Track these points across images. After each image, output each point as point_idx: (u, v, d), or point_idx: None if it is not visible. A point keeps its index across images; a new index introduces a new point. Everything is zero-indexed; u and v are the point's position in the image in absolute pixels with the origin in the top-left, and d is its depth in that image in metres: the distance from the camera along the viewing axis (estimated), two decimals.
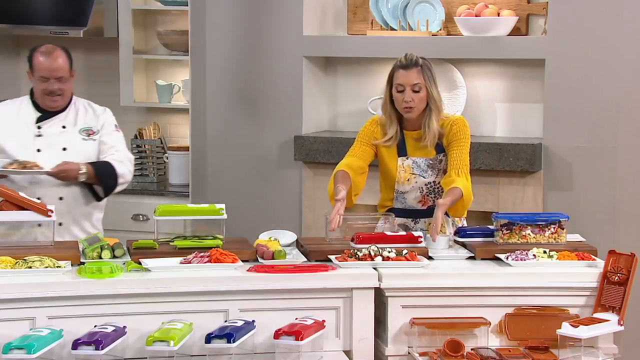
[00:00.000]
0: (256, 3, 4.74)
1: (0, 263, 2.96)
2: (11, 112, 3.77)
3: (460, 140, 3.51)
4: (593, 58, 4.31)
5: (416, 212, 3.57)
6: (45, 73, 3.67)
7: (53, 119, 3.76)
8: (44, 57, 3.69)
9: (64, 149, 3.73)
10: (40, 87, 3.70)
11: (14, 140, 3.71)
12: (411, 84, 3.46)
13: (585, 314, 3.07)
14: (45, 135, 3.74)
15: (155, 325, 2.85)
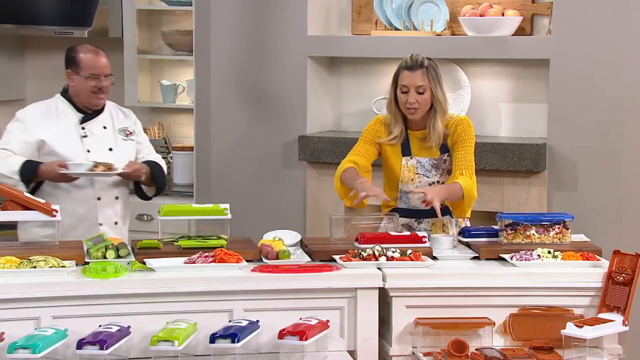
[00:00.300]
0: (260, 3, 4.74)
1: (5, 263, 2.97)
2: (50, 113, 3.72)
3: (465, 140, 3.51)
4: (598, 58, 4.31)
5: (420, 212, 3.56)
6: (96, 70, 3.67)
7: (95, 119, 3.75)
8: (93, 55, 3.69)
9: (110, 149, 3.73)
10: (89, 84, 3.67)
11: (62, 141, 3.67)
12: (415, 86, 3.46)
13: (589, 314, 3.06)
14: (91, 135, 3.72)
15: (160, 325, 2.85)
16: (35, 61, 5.54)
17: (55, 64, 5.50)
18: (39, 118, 3.71)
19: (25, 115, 3.73)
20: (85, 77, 3.68)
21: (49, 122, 3.70)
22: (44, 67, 5.53)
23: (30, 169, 3.60)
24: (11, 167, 3.61)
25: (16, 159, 3.63)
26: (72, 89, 3.73)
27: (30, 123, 3.69)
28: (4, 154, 3.65)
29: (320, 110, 4.85)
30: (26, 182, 3.60)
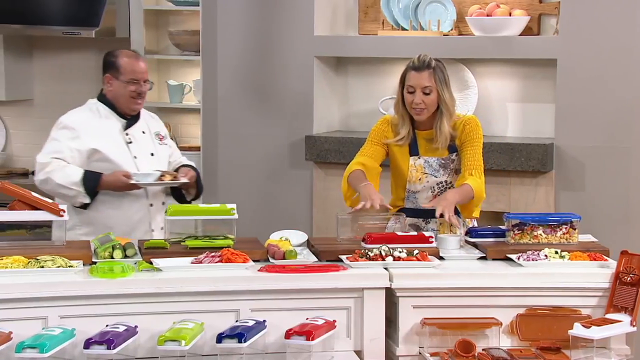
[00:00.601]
0: (267, 3, 4.74)
1: (13, 262, 2.97)
2: (95, 120, 3.67)
3: (473, 140, 3.51)
4: (605, 58, 4.30)
5: (427, 212, 3.56)
6: (136, 75, 3.64)
7: (136, 124, 3.73)
8: (134, 60, 3.66)
9: (151, 154, 3.72)
10: (128, 89, 3.64)
11: (113, 149, 3.64)
12: (422, 87, 3.46)
13: (597, 315, 3.06)
14: (135, 141, 3.69)
15: (167, 325, 2.86)
16: (43, 61, 5.56)
17: (62, 64, 5.54)
18: (86, 125, 3.64)
19: (73, 123, 3.65)
20: (125, 81, 3.64)
21: (96, 129, 3.64)
22: (51, 67, 5.55)
23: (93, 180, 3.55)
24: (71, 178, 3.54)
25: (74, 170, 3.56)
26: (110, 93, 3.68)
27: (80, 131, 3.62)
28: (58, 164, 3.57)
29: (327, 110, 4.85)
30: (90, 193, 3.56)
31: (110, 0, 5.11)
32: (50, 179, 3.56)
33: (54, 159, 3.58)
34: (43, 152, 3.63)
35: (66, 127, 3.64)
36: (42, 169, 3.59)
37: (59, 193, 3.59)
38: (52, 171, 3.55)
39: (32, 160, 5.52)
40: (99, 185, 3.57)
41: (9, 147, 5.64)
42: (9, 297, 2.84)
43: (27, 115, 5.60)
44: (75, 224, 3.61)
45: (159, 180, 3.60)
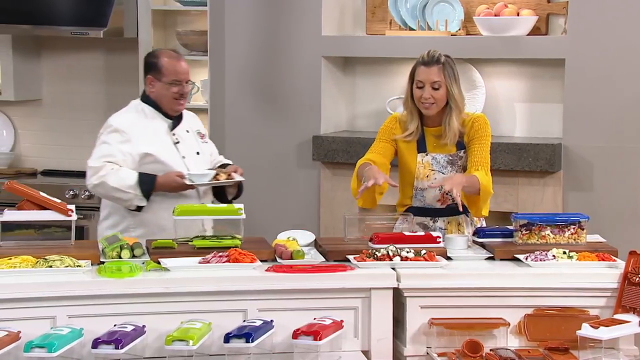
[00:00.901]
0: (275, 3, 4.75)
1: (22, 262, 2.98)
2: (143, 121, 3.65)
3: (481, 137, 3.50)
4: (614, 57, 4.29)
5: (435, 211, 3.56)
6: (178, 76, 3.62)
7: (181, 124, 3.71)
8: (175, 61, 3.63)
9: (197, 153, 3.71)
10: (171, 90, 3.62)
11: (163, 150, 3.62)
12: (431, 81, 3.46)
13: (605, 315, 3.05)
14: (181, 141, 3.68)
15: (174, 325, 2.86)
16: (51, 61, 5.57)
17: (71, 64, 5.56)
18: (135, 127, 3.62)
19: (122, 125, 3.61)
20: (167, 83, 3.61)
21: (145, 131, 3.62)
22: (60, 68, 5.56)
23: (149, 182, 3.54)
24: (126, 181, 3.53)
25: (128, 173, 3.55)
26: (153, 94, 3.67)
27: (130, 134, 3.60)
28: (111, 168, 3.55)
29: (335, 110, 4.85)
30: (146, 195, 3.55)
31: (118, 1, 5.12)
32: (104, 183, 3.54)
33: (106, 163, 3.56)
34: (94, 156, 3.61)
35: (116, 130, 3.62)
36: (95, 173, 3.56)
37: (113, 197, 3.57)
38: (106, 175, 3.54)
39: (41, 160, 5.62)
40: (155, 187, 3.55)
41: (17, 147, 5.65)
42: (17, 297, 2.85)
43: (35, 115, 5.62)
44: (129, 225, 3.61)
45: (214, 180, 3.58)
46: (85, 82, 5.52)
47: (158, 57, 3.66)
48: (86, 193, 5.06)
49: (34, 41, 5.52)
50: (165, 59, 3.63)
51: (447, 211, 3.53)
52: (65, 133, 5.57)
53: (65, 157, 5.57)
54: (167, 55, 3.65)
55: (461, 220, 3.55)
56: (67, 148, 5.57)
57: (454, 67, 3.51)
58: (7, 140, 5.63)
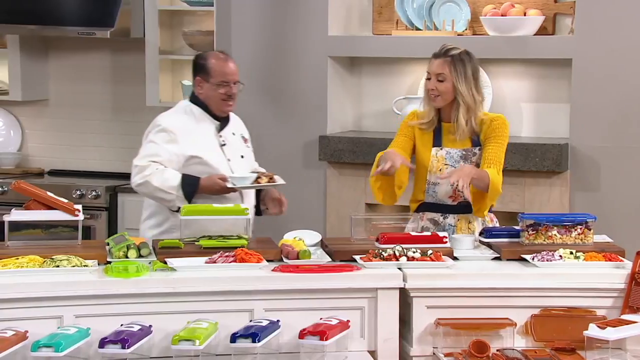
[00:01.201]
0: (281, 3, 4.75)
1: (29, 262, 2.99)
2: (191, 122, 3.63)
3: (497, 137, 3.50)
4: (621, 57, 4.28)
5: (446, 207, 3.55)
6: (226, 77, 3.61)
7: (228, 126, 3.71)
8: (224, 62, 3.63)
9: (242, 156, 3.71)
10: (218, 91, 3.61)
11: (209, 152, 3.62)
12: (436, 73, 3.50)
13: (612, 316, 3.04)
14: (228, 143, 3.68)
15: (181, 325, 2.86)
16: (58, 62, 5.58)
17: (78, 64, 5.57)
18: (184, 128, 3.62)
19: (170, 126, 3.60)
20: (215, 84, 3.61)
21: (193, 133, 3.62)
22: (67, 68, 5.57)
23: (192, 184, 3.54)
24: (170, 182, 3.53)
25: (172, 174, 3.55)
26: (201, 96, 3.66)
27: (177, 134, 3.60)
28: (156, 168, 3.56)
29: (341, 110, 4.85)
30: (189, 198, 3.55)
31: (125, 1, 5.13)
32: (148, 183, 3.55)
33: (152, 162, 3.57)
34: (140, 155, 3.62)
35: (164, 130, 3.61)
36: (139, 172, 3.58)
37: (156, 197, 3.58)
38: (150, 175, 3.55)
39: (48, 160, 5.64)
40: (197, 190, 3.55)
41: (24, 147, 5.67)
42: (25, 297, 2.85)
43: (42, 116, 5.63)
44: (172, 226, 3.59)
45: (256, 183, 3.57)
46: (92, 82, 5.53)
47: (206, 58, 3.66)
48: (93, 193, 5.08)
49: (41, 41, 5.53)
50: (213, 60, 3.63)
51: (458, 208, 3.53)
52: (72, 133, 5.58)
53: (72, 157, 5.58)
54: (214, 57, 3.65)
55: (472, 218, 3.54)
56: (74, 148, 5.58)
57: (468, 63, 3.51)
58: (14, 140, 5.65)
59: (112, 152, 5.53)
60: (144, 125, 5.77)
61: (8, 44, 5.44)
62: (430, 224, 3.55)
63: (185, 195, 3.54)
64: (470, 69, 3.51)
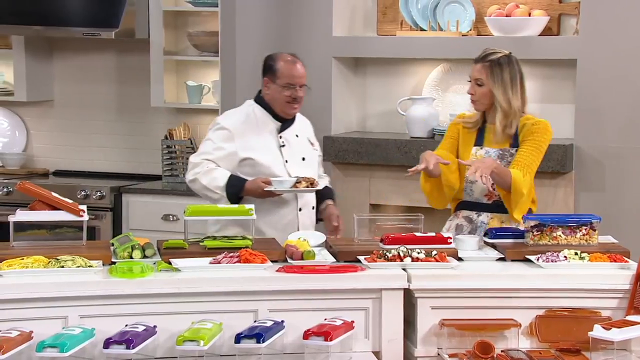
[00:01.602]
0: (286, 4, 4.75)
1: (34, 262, 3.00)
2: (251, 122, 3.66)
3: (533, 141, 3.51)
4: (626, 58, 4.27)
5: (481, 206, 3.59)
6: (293, 80, 3.64)
7: (290, 127, 3.72)
8: (291, 65, 3.65)
9: (303, 158, 3.72)
10: (284, 94, 3.64)
11: (264, 153, 3.64)
12: (474, 78, 3.56)
13: (617, 317, 3.04)
14: (288, 145, 3.69)
15: (185, 325, 2.87)
16: (63, 62, 5.59)
17: (82, 65, 5.58)
18: (242, 128, 3.64)
19: (229, 125, 3.65)
20: (281, 86, 3.64)
21: (251, 132, 3.64)
22: (71, 68, 5.58)
23: (236, 186, 3.57)
24: (217, 181, 3.57)
25: (221, 173, 3.59)
26: (267, 96, 3.69)
27: (234, 133, 3.63)
28: (207, 166, 3.59)
29: (345, 111, 4.85)
30: (232, 199, 3.58)
31: (130, 2, 5.13)
32: (197, 180, 3.60)
33: (204, 160, 3.61)
34: (197, 152, 3.68)
35: (222, 129, 3.65)
36: (192, 168, 3.63)
37: (204, 195, 3.63)
38: (200, 172, 3.59)
39: (53, 160, 5.65)
40: (242, 192, 3.58)
41: (29, 147, 5.68)
42: (29, 297, 2.86)
43: (47, 116, 5.64)
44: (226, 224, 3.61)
45: (294, 187, 3.58)
46: (97, 83, 5.54)
47: (275, 60, 3.68)
48: (97, 193, 5.09)
49: (46, 42, 5.54)
50: (281, 62, 3.66)
51: (493, 207, 3.56)
52: (77, 134, 5.59)
53: (77, 158, 5.59)
54: (283, 59, 3.67)
55: (505, 218, 3.55)
56: (78, 148, 5.59)
57: (506, 68, 3.53)
58: (19, 141, 5.66)
59: (116, 152, 5.54)
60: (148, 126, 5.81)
61: (13, 44, 5.45)
62: (465, 221, 3.60)
63: (229, 197, 3.57)
64: (509, 73, 3.54)
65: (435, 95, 4.72)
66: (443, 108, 4.70)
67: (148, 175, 5.42)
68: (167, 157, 5.31)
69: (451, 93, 4.73)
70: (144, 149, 5.47)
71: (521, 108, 3.55)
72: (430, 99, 4.64)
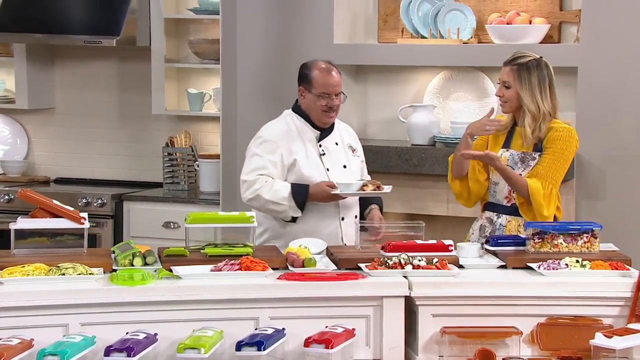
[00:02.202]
0: (287, 11, 4.76)
1: (34, 270, 3.00)
2: (292, 132, 3.67)
3: (556, 149, 3.52)
4: (626, 66, 4.27)
5: (502, 208, 3.62)
6: (328, 89, 3.63)
7: (329, 136, 3.72)
8: (326, 73, 3.64)
9: (344, 166, 3.71)
10: (320, 103, 3.63)
11: (307, 161, 3.64)
12: (502, 80, 3.61)
13: (619, 325, 3.03)
14: (328, 153, 3.69)
15: (186, 333, 2.86)
16: (64, 70, 5.60)
17: (84, 72, 5.59)
18: (284, 137, 3.65)
19: (271, 136, 3.66)
20: (316, 94, 3.63)
21: (292, 141, 3.65)
22: (73, 76, 5.59)
23: (302, 193, 3.58)
24: (280, 193, 3.58)
25: (281, 185, 3.60)
26: (303, 105, 3.69)
27: (277, 143, 3.64)
28: (265, 180, 3.60)
29: (346, 118, 4.83)
30: (301, 206, 3.58)
31: (131, 9, 5.15)
32: (259, 197, 3.59)
33: (259, 176, 3.61)
34: (246, 170, 3.66)
35: (265, 141, 3.67)
36: (249, 187, 3.62)
37: (268, 209, 3.62)
38: (260, 188, 3.59)
39: (54, 168, 5.65)
40: (307, 198, 3.58)
41: (30, 155, 5.69)
42: (30, 305, 2.86)
43: (48, 124, 5.65)
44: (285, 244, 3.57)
45: (361, 190, 3.57)
46: (98, 91, 5.55)
47: (310, 68, 3.68)
48: (98, 201, 5.09)
49: (47, 50, 5.55)
50: (316, 71, 3.65)
51: (511, 209, 3.58)
52: (78, 141, 5.60)
53: (78, 165, 5.60)
54: (318, 67, 3.67)
55: (522, 222, 3.56)
56: (80, 156, 5.60)
57: (534, 72, 3.56)
58: (20, 149, 5.66)
59: (118, 160, 5.54)
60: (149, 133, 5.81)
61: (15, 52, 5.46)
62: (487, 222, 3.64)
63: (297, 205, 3.58)
64: (537, 77, 3.56)
65: (436, 102, 4.73)
66: (444, 115, 4.71)
67: (149, 183, 5.42)
68: (168, 164, 5.32)
69: (452, 101, 4.73)
70: (145, 157, 5.48)
71: (551, 112, 3.57)
72: (431, 107, 4.64)
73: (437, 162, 4.38)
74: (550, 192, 3.50)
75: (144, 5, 5.21)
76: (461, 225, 4.45)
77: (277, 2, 4.76)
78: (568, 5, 4.57)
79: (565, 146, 3.54)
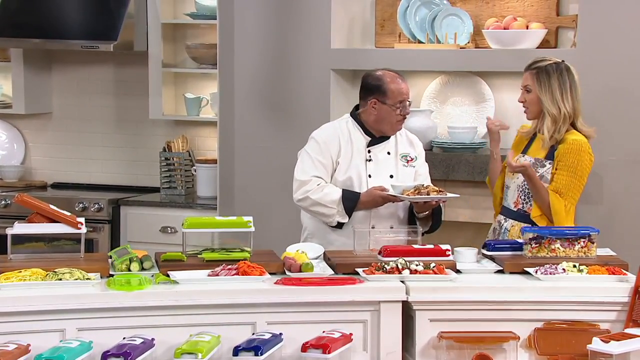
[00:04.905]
0: (284, 16, 4.76)
1: (31, 275, 2.99)
2: (343, 135, 3.68)
3: (568, 164, 3.55)
4: (623, 71, 4.28)
5: (509, 212, 3.65)
6: (403, 97, 3.63)
7: (381, 144, 3.72)
8: (400, 83, 3.65)
9: (390, 175, 3.70)
10: (395, 112, 3.62)
11: (348, 165, 3.65)
12: (523, 85, 3.66)
13: (616, 329, 3.03)
14: (375, 160, 3.69)
15: (183, 338, 2.86)
16: (61, 75, 5.60)
17: (81, 77, 5.59)
18: (331, 138, 3.67)
19: (320, 136, 3.70)
20: (393, 105, 3.63)
21: (339, 143, 3.67)
22: (70, 81, 5.60)
23: (352, 199, 3.59)
24: (330, 196, 3.59)
25: (333, 189, 3.61)
26: (372, 117, 3.65)
27: (324, 144, 3.66)
28: (317, 183, 3.62)
29: None
30: (349, 212, 3.59)
31: (129, 14, 5.15)
32: (308, 198, 3.62)
33: (313, 177, 3.64)
34: (300, 169, 3.69)
35: (316, 142, 3.70)
36: (301, 186, 3.65)
37: (315, 210, 3.63)
38: (311, 190, 3.61)
39: (51, 173, 5.65)
40: (357, 205, 3.60)
41: (27, 160, 5.68)
42: (27, 310, 2.86)
43: (45, 129, 5.65)
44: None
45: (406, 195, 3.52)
46: (95, 96, 5.55)
47: (381, 79, 3.66)
48: (95, 206, 5.09)
49: (44, 55, 5.55)
50: (389, 81, 3.65)
51: (516, 215, 3.61)
52: (75, 146, 5.59)
53: (75, 170, 5.59)
54: (390, 77, 3.66)
55: None
56: (77, 161, 5.60)
57: (553, 75, 3.59)
58: (17, 153, 5.66)
59: (115, 165, 5.54)
60: (146, 138, 5.82)
61: (12, 57, 5.47)
62: (497, 225, 3.70)
63: (346, 210, 3.59)
64: (557, 80, 3.59)
65: (434, 107, 4.73)
66: (441, 120, 4.71)
67: (146, 188, 5.42)
68: (166, 169, 5.32)
69: (449, 105, 4.74)
70: (142, 161, 5.48)
71: (572, 114, 3.59)
72: (428, 112, 4.65)
73: (434, 167, 4.38)
74: (569, 210, 3.55)
75: (141, 10, 5.21)
76: (458, 231, 4.46)
77: (274, 7, 4.76)
78: (565, 10, 4.58)
79: (578, 160, 3.55)
